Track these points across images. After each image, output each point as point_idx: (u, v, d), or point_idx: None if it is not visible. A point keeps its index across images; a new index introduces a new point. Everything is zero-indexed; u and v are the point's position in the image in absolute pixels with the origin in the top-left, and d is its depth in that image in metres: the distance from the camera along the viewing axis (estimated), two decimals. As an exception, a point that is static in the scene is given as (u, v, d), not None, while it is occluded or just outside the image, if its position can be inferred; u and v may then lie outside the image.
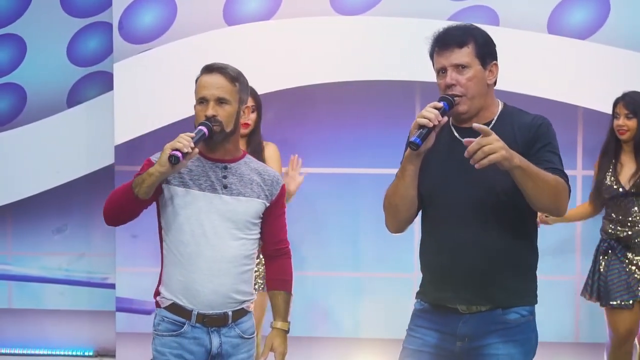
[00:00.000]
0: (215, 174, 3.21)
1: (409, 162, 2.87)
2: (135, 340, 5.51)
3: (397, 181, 2.94)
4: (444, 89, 2.91)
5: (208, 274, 3.16)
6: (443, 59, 2.91)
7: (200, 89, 3.23)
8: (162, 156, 3.02)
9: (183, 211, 3.17)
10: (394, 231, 3.06)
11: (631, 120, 4.75)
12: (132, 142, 5.61)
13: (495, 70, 2.97)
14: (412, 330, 3.06)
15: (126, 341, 5.65)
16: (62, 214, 5.98)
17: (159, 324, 3.23)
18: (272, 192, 3.30)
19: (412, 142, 2.78)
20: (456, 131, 2.94)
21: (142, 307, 5.52)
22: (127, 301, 5.69)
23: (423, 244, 3.05)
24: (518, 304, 2.94)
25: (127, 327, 5.65)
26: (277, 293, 3.38)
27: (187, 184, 3.18)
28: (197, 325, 3.19)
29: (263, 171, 3.32)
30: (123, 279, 5.66)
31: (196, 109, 3.23)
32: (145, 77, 5.59)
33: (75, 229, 6.00)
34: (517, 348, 2.92)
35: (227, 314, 3.21)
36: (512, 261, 2.92)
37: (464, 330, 2.93)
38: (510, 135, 2.89)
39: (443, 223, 2.93)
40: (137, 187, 3.06)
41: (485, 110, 2.95)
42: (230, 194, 3.20)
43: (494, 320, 2.92)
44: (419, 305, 3.07)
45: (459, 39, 2.91)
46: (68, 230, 5.99)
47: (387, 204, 2.99)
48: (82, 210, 5.95)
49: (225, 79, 3.22)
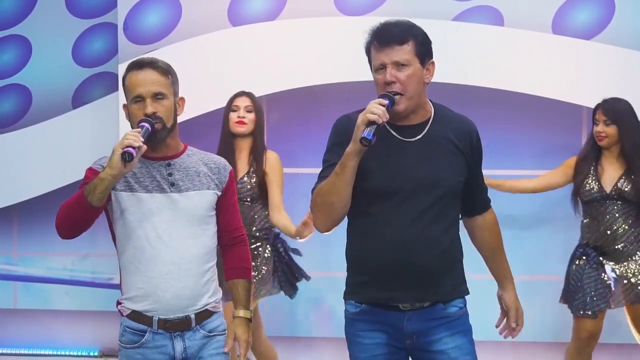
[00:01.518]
0: (159, 173, 3.06)
1: (350, 159, 2.84)
2: (140, 341, 5.51)
3: (334, 178, 2.88)
4: (383, 86, 2.91)
5: (169, 278, 3.03)
6: (383, 55, 2.91)
7: (133, 87, 3.03)
8: (112, 158, 2.85)
9: (133, 217, 3.03)
10: (325, 230, 3.00)
11: (610, 127, 4.75)
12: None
13: (432, 68, 2.97)
14: (356, 337, 3.02)
15: (131, 341, 5.65)
16: (67, 215, 5.98)
17: (122, 335, 3.11)
18: (222, 180, 3.15)
19: (364, 137, 2.77)
20: (392, 129, 2.94)
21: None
22: (132, 301, 5.69)
23: (359, 242, 3.00)
24: (456, 296, 3.01)
25: (132, 328, 5.65)
26: (237, 282, 3.22)
27: (132, 187, 3.03)
28: (159, 332, 3.06)
29: (208, 160, 3.17)
30: (128, 280, 5.67)
31: (132, 109, 3.05)
32: (150, 77, 5.59)
33: (80, 229, 6.00)
34: (463, 338, 2.99)
35: (189, 317, 3.08)
36: (452, 257, 3.00)
37: (410, 328, 2.95)
38: (450, 134, 2.97)
39: (388, 221, 2.91)
40: (90, 195, 2.87)
41: (421, 108, 2.97)
42: (179, 190, 3.06)
43: (436, 315, 2.96)
44: (353, 308, 3.02)
45: (400, 36, 2.91)
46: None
47: (321, 202, 2.93)
48: (87, 210, 5.95)
49: (158, 73, 3.04)
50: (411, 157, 2.92)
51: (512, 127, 5.45)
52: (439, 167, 2.93)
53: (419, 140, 2.94)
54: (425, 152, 2.93)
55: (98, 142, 5.89)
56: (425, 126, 2.96)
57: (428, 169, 2.91)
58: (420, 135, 2.94)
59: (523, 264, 5.20)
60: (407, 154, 2.92)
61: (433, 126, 2.96)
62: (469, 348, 3.00)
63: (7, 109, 6.04)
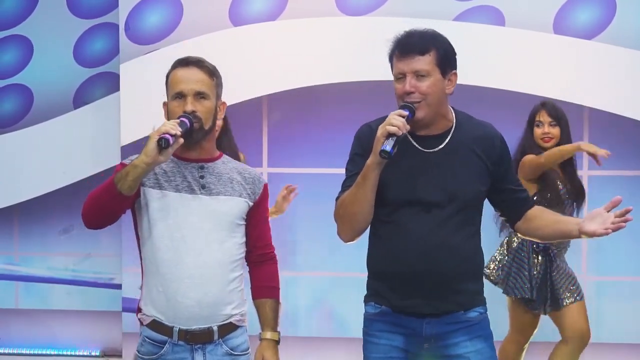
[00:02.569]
0: (191, 174, 2.94)
1: (371, 171, 2.84)
2: (142, 341, 5.52)
3: (355, 189, 2.88)
4: (402, 95, 2.90)
5: (190, 282, 2.87)
6: (403, 64, 2.90)
7: (176, 84, 2.95)
8: (148, 145, 2.74)
9: (158, 214, 2.90)
10: (348, 240, 3.01)
11: (555, 128, 4.73)
12: (138, 143, 5.61)
13: (454, 79, 2.96)
14: (372, 337, 3.02)
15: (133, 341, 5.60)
16: (69, 215, 5.99)
17: (141, 345, 2.99)
18: (255, 191, 3.02)
19: (384, 150, 2.77)
20: (413, 139, 2.94)
21: (148, 308, 5.52)
22: (133, 301, 5.65)
23: (380, 251, 3.00)
24: (477, 304, 3.00)
25: (134, 327, 5.61)
26: (265, 301, 3.06)
27: (162, 185, 2.91)
28: (180, 343, 2.91)
29: (243, 170, 3.05)
30: (129, 279, 5.67)
31: (171, 106, 2.96)
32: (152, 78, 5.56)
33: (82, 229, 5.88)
34: (483, 342, 2.98)
35: (212, 329, 2.92)
36: (474, 265, 3.00)
37: (429, 332, 2.95)
38: (472, 144, 2.95)
39: (410, 231, 2.91)
40: (121, 182, 2.76)
41: (442, 117, 2.96)
42: (210, 193, 2.93)
43: (456, 319, 2.96)
44: (372, 309, 3.03)
45: (421, 47, 2.89)
46: (74, 230, 6.00)
47: (343, 213, 2.94)
48: (88, 210, 5.95)
49: (203, 72, 2.97)
50: (432, 167, 2.92)
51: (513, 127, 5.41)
52: (460, 177, 2.92)
53: (440, 150, 2.94)
54: (446, 162, 2.92)
55: (99, 142, 5.90)
56: (447, 136, 2.95)
57: (449, 180, 2.91)
58: (442, 145, 2.94)
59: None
60: (428, 164, 2.92)
61: (454, 136, 2.95)
62: (489, 353, 2.99)
63: (9, 109, 6.04)
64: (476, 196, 2.96)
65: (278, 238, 5.74)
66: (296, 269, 5.54)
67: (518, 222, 3.08)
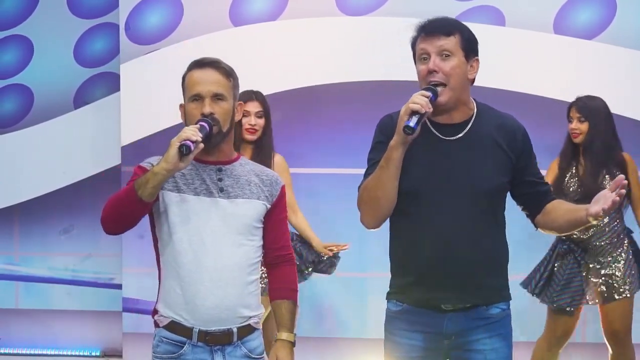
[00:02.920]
0: (209, 177, 2.94)
1: (395, 150, 2.81)
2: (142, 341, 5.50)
3: (379, 172, 2.85)
4: (425, 75, 2.88)
5: (210, 285, 2.88)
6: (427, 44, 2.89)
7: (193, 85, 2.92)
8: (168, 152, 2.75)
9: (178, 218, 2.90)
10: (372, 226, 2.96)
11: (583, 124, 4.75)
12: (139, 143, 5.62)
13: (476, 66, 2.94)
14: (394, 335, 2.99)
15: (133, 341, 5.66)
16: (69, 215, 5.99)
17: (157, 345, 2.96)
18: (273, 193, 3.02)
19: (407, 126, 2.74)
20: (433, 127, 2.92)
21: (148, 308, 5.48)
22: (133, 301, 5.70)
23: (401, 243, 2.97)
24: (500, 300, 2.98)
25: (134, 328, 5.66)
26: (282, 302, 3.05)
27: (180, 188, 2.91)
28: (199, 345, 2.91)
29: (260, 172, 3.05)
30: (129, 280, 5.68)
31: (188, 108, 2.93)
32: (152, 78, 5.60)
33: (82, 229, 6.01)
34: (501, 342, 2.96)
35: (231, 330, 2.92)
36: (497, 258, 2.97)
37: (450, 328, 2.93)
38: (493, 133, 2.93)
39: (431, 222, 2.88)
40: (141, 189, 2.77)
41: (463, 105, 2.93)
42: (228, 196, 2.93)
43: (478, 315, 2.93)
44: (394, 306, 3.00)
45: (446, 29, 2.91)
46: (75, 230, 6.01)
47: (367, 198, 2.90)
48: (88, 210, 5.95)
49: (220, 74, 2.93)
50: (452, 156, 2.89)
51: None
52: (480, 166, 2.89)
53: (460, 139, 2.91)
54: (466, 151, 2.89)
55: (99, 142, 5.90)
56: (467, 125, 2.92)
57: (468, 168, 2.87)
58: (462, 134, 2.91)
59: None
60: (448, 152, 2.89)
61: (475, 125, 2.93)
62: (505, 352, 2.97)
63: (9, 109, 6.04)
64: (497, 187, 2.92)
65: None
66: (296, 269, 5.53)
67: (538, 215, 3.03)
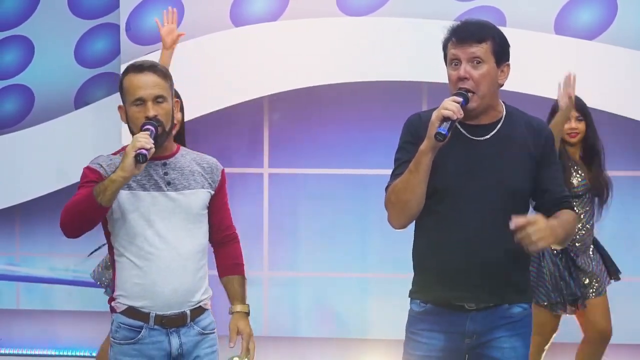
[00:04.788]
0: (156, 172, 3.12)
1: (425, 155, 2.85)
2: (143, 341, 5.52)
3: (409, 176, 2.89)
4: (455, 81, 2.91)
5: (167, 273, 3.09)
6: (459, 50, 2.91)
7: (134, 90, 3.06)
8: (125, 160, 2.91)
9: (132, 215, 3.09)
10: (400, 227, 3.01)
11: (581, 123, 4.77)
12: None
13: (507, 70, 2.98)
14: (415, 335, 3.03)
15: (133, 342, 5.65)
16: (70, 215, 5.99)
17: (116, 331, 3.16)
18: (214, 179, 3.23)
19: (439, 133, 2.79)
20: (462, 128, 2.95)
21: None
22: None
23: (426, 242, 3.01)
24: (522, 300, 3.01)
25: (135, 328, 5.66)
26: (232, 278, 3.32)
27: (130, 186, 3.08)
28: (156, 327, 3.12)
29: (201, 160, 3.25)
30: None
31: (131, 111, 3.08)
32: (152, 78, 5.59)
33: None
34: (520, 341, 2.99)
35: (185, 313, 3.14)
36: (520, 258, 2.97)
37: (472, 328, 2.96)
38: (521, 135, 2.96)
39: (457, 221, 2.92)
40: (100, 196, 2.93)
41: (492, 109, 2.97)
42: (175, 189, 3.13)
43: (500, 315, 2.96)
44: (417, 307, 3.04)
45: (479, 35, 2.92)
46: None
47: (395, 200, 2.94)
48: (89, 211, 5.96)
49: (158, 76, 3.09)
50: (480, 155, 2.93)
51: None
52: (508, 166, 2.93)
53: (488, 139, 2.95)
54: (494, 151, 2.93)
55: (100, 142, 5.89)
56: (496, 126, 2.96)
57: (497, 168, 2.91)
58: (490, 134, 2.95)
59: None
60: (477, 152, 2.93)
61: (504, 126, 2.97)
62: (523, 352, 3.00)
63: (10, 110, 6.04)
64: (524, 187, 2.95)
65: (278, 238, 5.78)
66: (296, 269, 5.54)
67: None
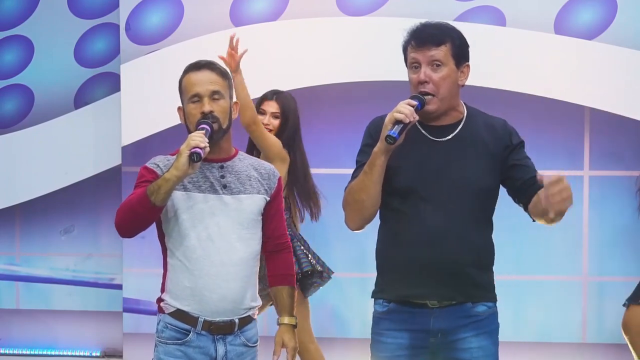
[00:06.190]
0: (212, 175, 3.11)
1: (378, 157, 2.87)
2: (142, 341, 5.51)
3: (363, 177, 2.92)
4: (416, 85, 2.93)
5: (217, 278, 3.06)
6: (418, 54, 2.94)
7: (191, 87, 3.09)
8: (179, 159, 2.90)
9: (185, 215, 3.07)
10: (356, 228, 3.03)
11: None
12: (139, 143, 5.62)
13: (466, 71, 3.02)
14: (380, 336, 3.04)
15: (133, 341, 5.66)
16: (70, 215, 5.99)
17: (162, 331, 3.13)
18: (271, 186, 3.20)
19: (389, 135, 2.81)
20: (423, 129, 2.97)
21: (149, 308, 5.52)
22: (134, 302, 5.70)
23: (390, 241, 3.02)
24: (486, 298, 3.01)
25: (134, 328, 5.66)
26: (282, 288, 3.27)
27: (186, 187, 3.07)
28: (203, 333, 3.09)
29: (259, 165, 3.23)
30: (130, 280, 5.68)
31: (188, 108, 3.10)
32: (153, 78, 5.60)
33: (83, 229, 6.01)
34: (488, 340, 2.99)
35: (233, 321, 3.11)
36: (484, 256, 3.00)
37: (436, 326, 2.95)
38: (482, 135, 2.98)
39: (420, 220, 2.93)
40: (154, 195, 2.93)
41: (453, 110, 3.00)
42: (231, 193, 3.10)
43: (464, 313, 2.96)
44: (381, 307, 3.04)
45: (437, 38, 2.95)
46: (75, 231, 6.01)
47: (351, 200, 2.97)
48: (89, 211, 5.96)
49: (216, 74, 3.11)
50: (441, 156, 2.95)
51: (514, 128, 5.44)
52: (468, 167, 2.94)
53: (449, 140, 2.97)
54: (455, 152, 2.95)
55: (100, 142, 5.90)
56: (457, 127, 2.98)
57: (458, 168, 2.93)
58: (451, 135, 2.97)
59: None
60: (437, 153, 2.95)
61: (464, 128, 2.99)
62: (492, 350, 3.00)
63: (10, 109, 6.04)
64: (485, 187, 2.97)
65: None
66: (297, 269, 5.53)
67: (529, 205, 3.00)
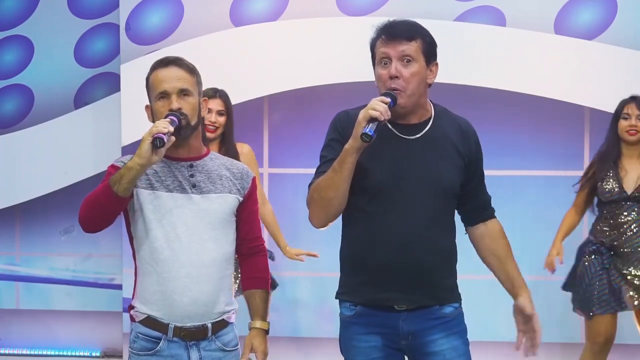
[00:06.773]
0: (181, 174, 2.98)
1: (349, 155, 2.81)
2: (142, 341, 5.52)
3: (332, 174, 2.84)
4: (385, 80, 2.89)
5: (187, 281, 2.92)
6: (389, 48, 2.89)
7: (158, 84, 2.97)
8: (141, 147, 2.80)
9: (153, 215, 2.94)
10: (321, 226, 2.96)
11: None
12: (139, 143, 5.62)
13: (435, 70, 2.96)
14: (352, 340, 2.98)
15: (133, 342, 5.65)
16: (70, 215, 5.99)
17: (134, 342, 2.99)
18: (244, 186, 3.06)
19: (365, 133, 2.75)
20: (392, 127, 2.93)
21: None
22: (134, 302, 5.70)
23: (356, 242, 2.96)
24: (452, 300, 3.00)
25: (134, 328, 5.66)
26: (255, 292, 3.11)
27: (154, 186, 2.95)
28: (175, 340, 2.95)
29: (231, 165, 3.09)
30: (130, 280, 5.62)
31: (156, 106, 2.98)
32: (152, 78, 5.60)
33: (83, 230, 6.01)
34: (459, 340, 2.98)
35: (206, 326, 2.97)
36: (450, 259, 2.99)
37: (406, 329, 2.93)
38: (450, 135, 2.96)
39: (387, 220, 2.88)
40: (116, 184, 2.81)
41: (421, 108, 2.96)
42: (200, 192, 2.97)
43: (433, 315, 2.95)
44: (348, 310, 2.99)
45: (408, 33, 2.91)
46: (75, 231, 6.01)
47: (318, 197, 2.89)
48: (89, 211, 5.96)
49: (184, 70, 2.98)
50: (410, 154, 2.91)
51: (514, 128, 5.44)
52: (437, 166, 2.91)
53: (418, 138, 2.93)
54: (424, 150, 2.92)
55: (100, 142, 5.91)
56: (425, 126, 2.95)
57: (426, 167, 2.90)
58: (420, 134, 2.94)
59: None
60: (406, 151, 2.91)
61: (433, 126, 2.95)
62: (463, 349, 2.98)
63: (10, 109, 6.04)
64: (453, 187, 2.95)
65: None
66: (296, 269, 5.53)
67: (470, 227, 3.07)
